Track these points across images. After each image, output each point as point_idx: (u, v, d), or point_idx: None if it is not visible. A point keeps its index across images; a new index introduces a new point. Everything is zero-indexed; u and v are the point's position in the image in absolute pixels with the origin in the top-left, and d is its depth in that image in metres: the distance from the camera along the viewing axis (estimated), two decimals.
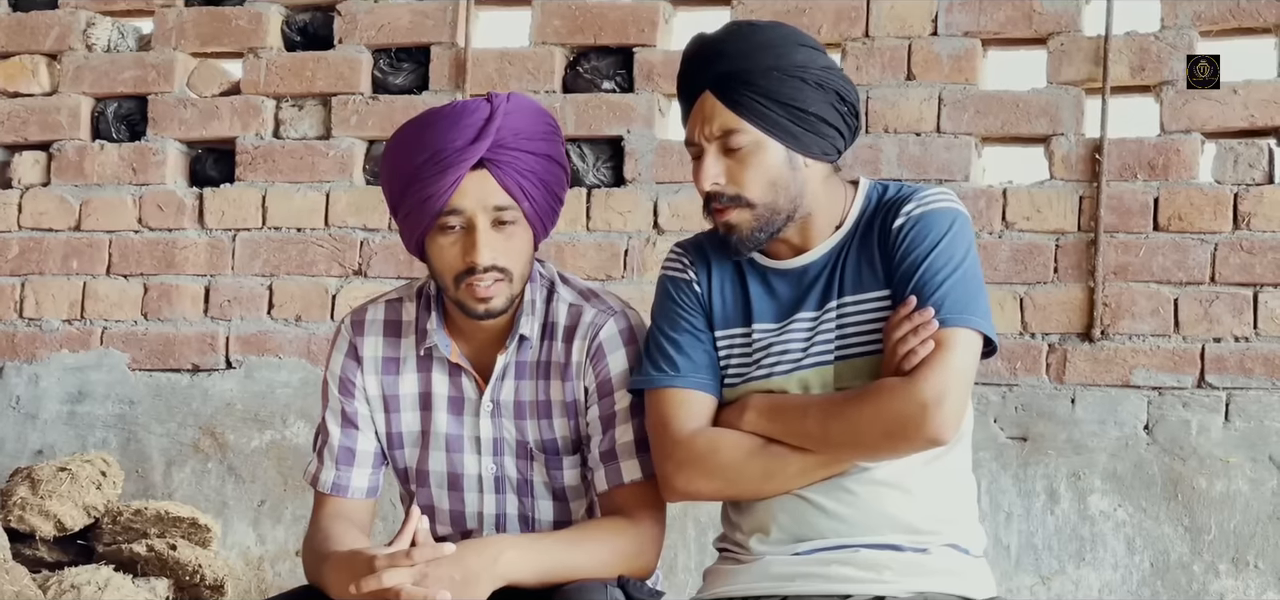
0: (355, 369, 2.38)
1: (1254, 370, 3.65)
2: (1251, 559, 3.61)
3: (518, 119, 2.23)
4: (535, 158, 2.23)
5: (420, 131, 2.23)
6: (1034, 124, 3.84)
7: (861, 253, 2.21)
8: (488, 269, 2.20)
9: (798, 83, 2.14)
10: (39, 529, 3.81)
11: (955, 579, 2.18)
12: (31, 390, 4.37)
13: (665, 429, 2.21)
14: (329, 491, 2.38)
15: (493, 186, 2.20)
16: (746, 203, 2.16)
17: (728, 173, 2.17)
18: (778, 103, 2.14)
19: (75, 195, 4.40)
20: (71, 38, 4.45)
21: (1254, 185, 3.69)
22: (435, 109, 2.27)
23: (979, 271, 2.18)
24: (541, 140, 2.25)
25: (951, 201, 2.21)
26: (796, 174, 2.17)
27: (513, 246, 2.23)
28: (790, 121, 2.14)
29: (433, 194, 2.18)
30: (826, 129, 2.17)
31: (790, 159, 2.16)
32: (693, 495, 2.23)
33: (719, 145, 2.17)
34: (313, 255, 4.25)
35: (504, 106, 2.22)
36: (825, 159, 2.20)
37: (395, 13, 4.25)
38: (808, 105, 2.14)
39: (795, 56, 2.15)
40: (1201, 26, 3.76)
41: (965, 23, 3.89)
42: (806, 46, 2.19)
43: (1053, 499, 3.73)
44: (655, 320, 2.31)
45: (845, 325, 2.20)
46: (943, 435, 2.08)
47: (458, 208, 2.19)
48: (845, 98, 2.19)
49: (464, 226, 2.20)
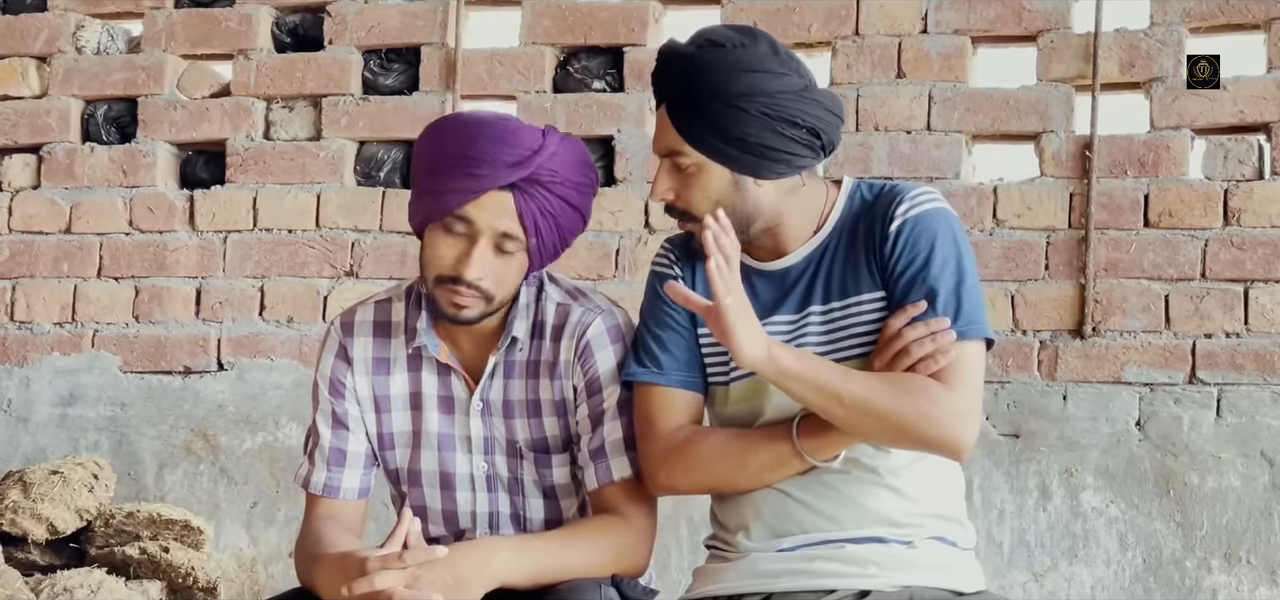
0: (345, 370, 2.38)
1: (1245, 366, 3.65)
2: (1243, 554, 3.62)
3: (561, 163, 2.22)
4: (564, 204, 2.23)
5: (470, 130, 2.22)
6: (1024, 121, 3.84)
7: (849, 255, 2.21)
8: (473, 285, 2.21)
9: (737, 113, 2.12)
10: (31, 532, 3.80)
11: (942, 573, 2.19)
12: (23, 393, 4.36)
13: (649, 425, 2.24)
14: (320, 493, 2.38)
15: (510, 212, 2.19)
16: (693, 217, 2.18)
17: (675, 188, 2.19)
18: (717, 131, 2.13)
19: (65, 198, 4.39)
20: (61, 40, 4.44)
21: (1244, 181, 3.70)
22: (489, 116, 2.26)
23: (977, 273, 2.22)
24: (573, 190, 2.25)
25: (941, 201, 2.22)
26: (745, 194, 2.17)
27: (504, 271, 2.24)
28: (732, 148, 2.14)
29: (453, 191, 2.18)
30: (774, 154, 2.14)
31: (737, 181, 2.16)
32: (674, 489, 2.25)
33: (670, 161, 2.19)
34: (304, 257, 4.24)
35: (555, 146, 2.22)
36: (780, 177, 2.18)
37: (385, 14, 4.24)
38: (747, 135, 2.13)
39: (738, 85, 2.12)
40: (1191, 23, 3.76)
41: (955, 21, 3.89)
42: (756, 72, 2.13)
43: (1045, 496, 3.74)
44: (643, 315, 2.32)
45: (835, 328, 2.20)
46: (966, 450, 2.13)
47: (469, 217, 2.19)
48: (799, 122, 2.14)
49: (468, 236, 2.20)
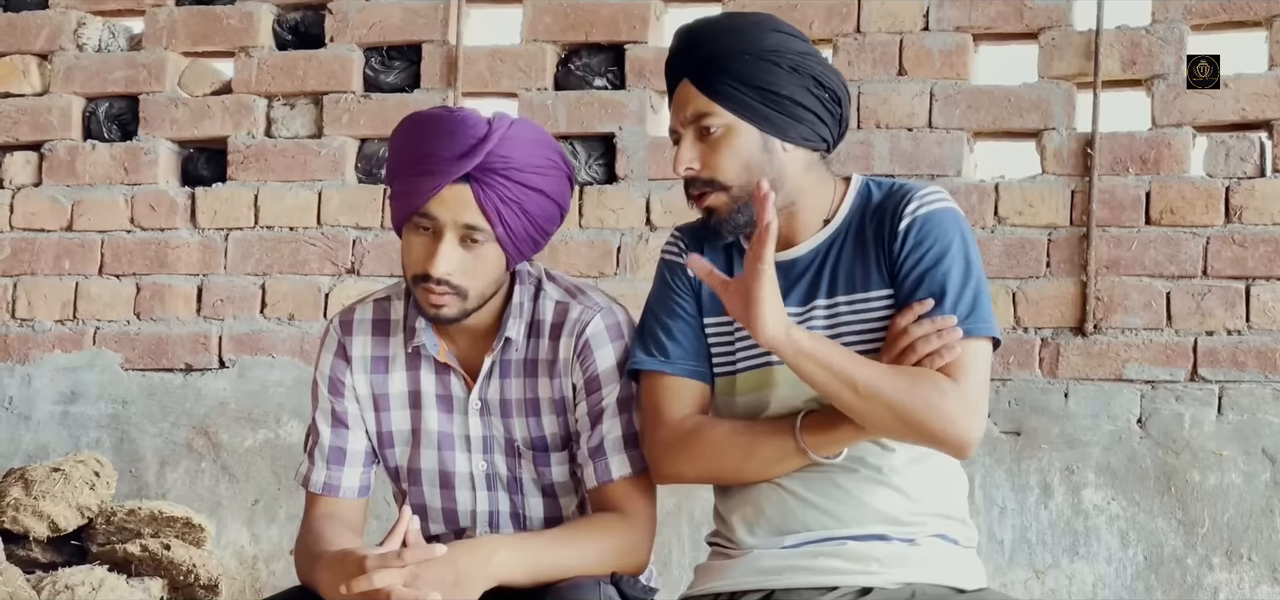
0: (344, 368, 2.38)
1: (1246, 363, 3.65)
2: (1245, 552, 3.62)
3: (514, 148, 2.21)
4: (524, 189, 2.22)
5: (420, 129, 2.24)
6: (1026, 119, 3.84)
7: (857, 251, 2.21)
8: (441, 281, 2.21)
9: (769, 66, 2.15)
10: (33, 530, 3.80)
11: (944, 570, 2.18)
12: (24, 391, 4.36)
13: (655, 414, 2.24)
14: (320, 492, 2.38)
15: (470, 204, 2.19)
16: (721, 186, 2.17)
17: (702, 157, 2.18)
18: (749, 86, 2.15)
19: (67, 195, 4.40)
20: (62, 38, 4.44)
21: (1245, 179, 3.69)
22: (440, 112, 2.27)
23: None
24: (535, 174, 2.23)
25: (951, 202, 2.22)
26: (773, 158, 2.17)
27: (475, 266, 2.23)
28: (763, 104, 2.15)
29: (414, 190, 2.20)
30: (803, 113, 2.17)
31: (765, 142, 2.17)
32: (680, 478, 2.25)
33: (695, 130, 2.18)
34: (305, 254, 4.24)
35: (502, 131, 2.21)
36: (806, 145, 2.19)
37: (386, 11, 4.24)
38: (780, 88, 2.15)
39: (767, 41, 2.16)
40: (1193, 20, 3.76)
41: (956, 18, 3.89)
42: (781, 32, 2.19)
43: (1046, 493, 3.73)
44: (650, 303, 2.31)
45: (841, 323, 2.20)
46: (972, 447, 2.12)
47: (432, 214, 2.20)
48: (823, 83, 2.18)
49: (434, 232, 2.21)
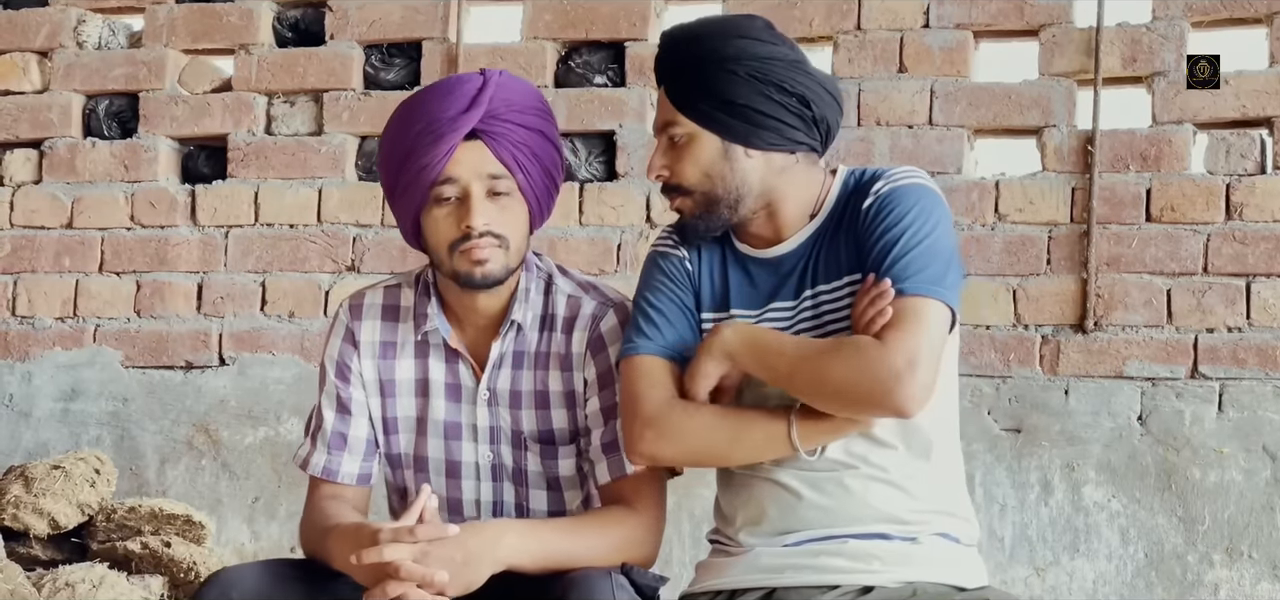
0: (352, 353, 2.38)
1: (1247, 361, 3.65)
2: (1245, 549, 3.61)
3: (510, 92, 2.26)
4: (528, 132, 2.26)
5: (414, 104, 2.27)
6: (1026, 116, 3.84)
7: (835, 240, 2.21)
8: (483, 233, 2.22)
9: (727, 75, 2.16)
10: (33, 527, 3.80)
11: (945, 568, 2.18)
12: (24, 388, 4.36)
13: (633, 393, 2.21)
14: (320, 475, 2.38)
15: (487, 156, 2.23)
16: (684, 191, 2.21)
17: (669, 163, 2.22)
18: (707, 95, 2.17)
19: (67, 193, 4.39)
20: (62, 35, 4.44)
21: (1246, 176, 3.69)
22: (427, 86, 2.31)
23: (949, 246, 2.16)
24: (533, 115, 2.28)
25: (919, 178, 2.20)
26: (734, 165, 2.18)
27: (507, 217, 2.25)
28: (721, 113, 2.17)
29: (427, 163, 2.21)
30: (763, 119, 2.17)
31: (726, 150, 2.18)
32: (656, 459, 2.22)
33: (665, 137, 2.22)
34: (305, 252, 4.24)
35: (496, 79, 2.26)
36: (773, 149, 2.19)
37: (386, 8, 4.24)
38: (737, 97, 2.16)
39: (727, 49, 2.17)
40: (1193, 17, 3.76)
41: (956, 15, 3.89)
42: (746, 38, 2.18)
43: (1047, 490, 3.73)
44: (639, 294, 2.31)
45: (822, 314, 2.20)
46: (910, 407, 2.05)
47: (452, 177, 2.21)
48: (789, 89, 2.17)
49: (459, 197, 2.23)
